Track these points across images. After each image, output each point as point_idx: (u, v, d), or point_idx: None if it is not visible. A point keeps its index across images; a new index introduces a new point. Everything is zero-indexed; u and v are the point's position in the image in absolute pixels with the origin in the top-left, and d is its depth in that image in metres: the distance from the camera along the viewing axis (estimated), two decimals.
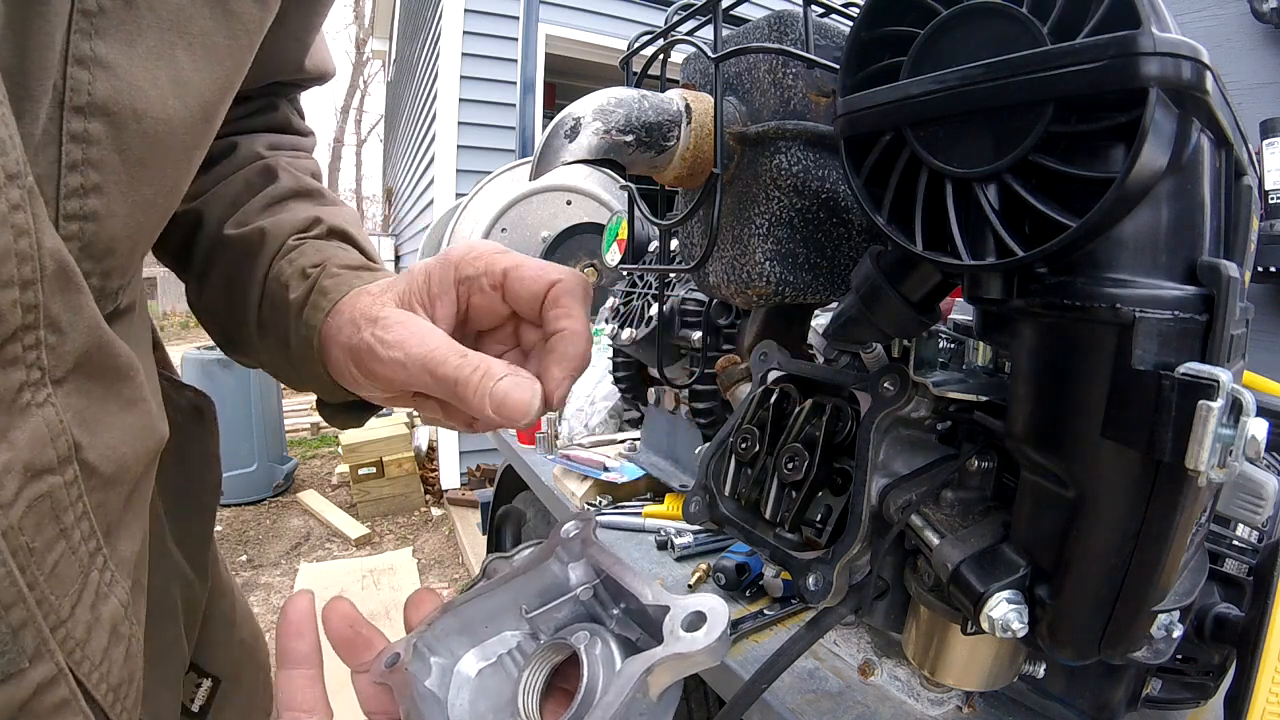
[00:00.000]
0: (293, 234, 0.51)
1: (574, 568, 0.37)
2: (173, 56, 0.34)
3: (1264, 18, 1.26)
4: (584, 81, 4.92)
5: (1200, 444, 0.29)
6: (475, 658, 0.37)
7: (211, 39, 0.36)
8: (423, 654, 0.36)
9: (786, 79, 0.47)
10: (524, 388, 0.38)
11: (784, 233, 0.47)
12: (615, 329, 1.27)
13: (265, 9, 0.39)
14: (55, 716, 0.30)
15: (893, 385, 0.45)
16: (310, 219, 0.52)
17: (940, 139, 0.34)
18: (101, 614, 0.32)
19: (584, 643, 0.33)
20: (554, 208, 2.14)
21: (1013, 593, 0.38)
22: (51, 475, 0.29)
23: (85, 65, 0.30)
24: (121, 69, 0.31)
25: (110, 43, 0.31)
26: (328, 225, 0.53)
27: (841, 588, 0.45)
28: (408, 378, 0.40)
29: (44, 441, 0.28)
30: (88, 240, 0.32)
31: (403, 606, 0.41)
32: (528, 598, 0.37)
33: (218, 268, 0.52)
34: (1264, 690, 0.43)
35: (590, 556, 0.37)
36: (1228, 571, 0.57)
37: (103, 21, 0.30)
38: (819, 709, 0.69)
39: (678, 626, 0.29)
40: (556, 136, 0.43)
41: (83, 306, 0.30)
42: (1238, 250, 0.37)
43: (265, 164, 0.56)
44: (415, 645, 0.36)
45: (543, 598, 0.37)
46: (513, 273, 0.43)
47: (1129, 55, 0.28)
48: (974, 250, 0.33)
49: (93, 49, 0.30)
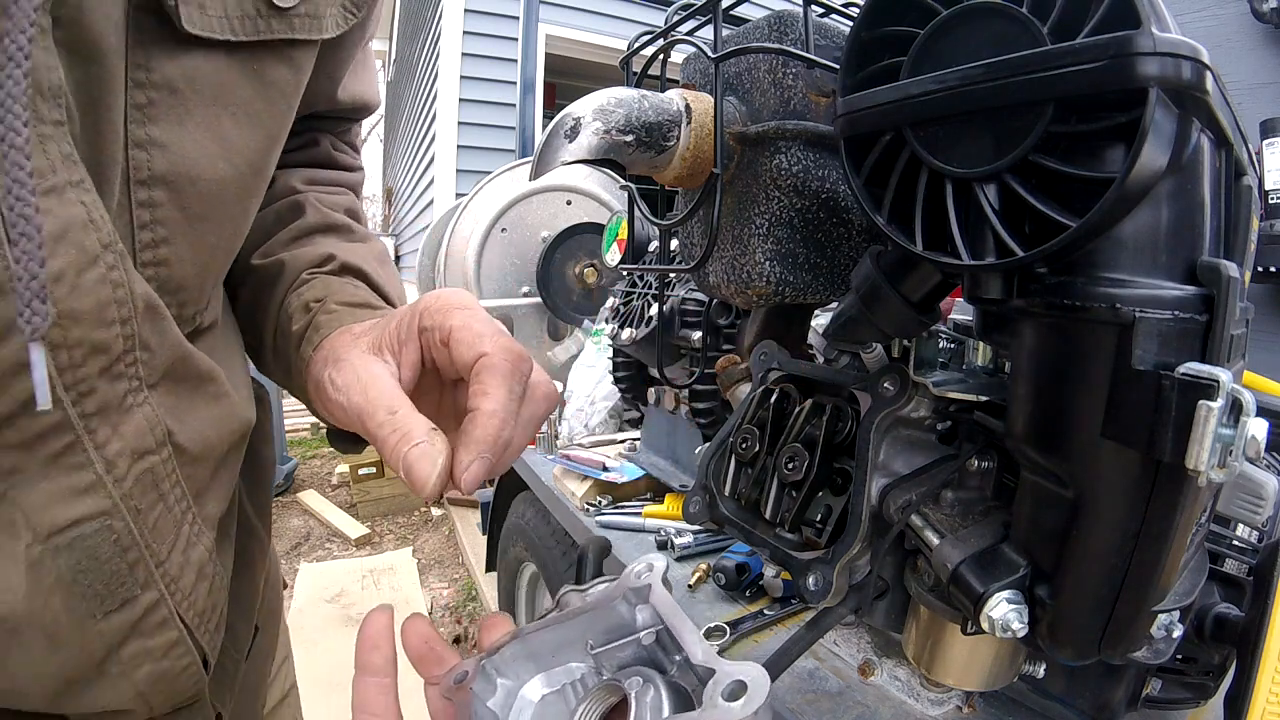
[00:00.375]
0: (307, 268, 0.54)
1: (641, 610, 0.37)
2: (219, 127, 0.41)
3: (1264, 18, 1.26)
4: (584, 81, 4.92)
5: (1200, 444, 0.29)
6: (540, 684, 0.39)
7: (252, 106, 0.42)
8: (490, 675, 0.38)
9: (786, 79, 0.47)
10: (427, 460, 0.37)
11: (784, 233, 0.47)
12: (615, 329, 1.27)
13: (298, 72, 0.45)
14: (158, 632, 0.41)
15: (893, 385, 0.45)
16: (325, 255, 0.55)
17: (940, 139, 0.34)
18: (190, 557, 0.42)
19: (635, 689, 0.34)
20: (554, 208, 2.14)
21: (1013, 593, 0.38)
22: (152, 455, 0.39)
23: (143, 147, 0.38)
24: (174, 145, 0.39)
25: (162, 126, 0.38)
26: (341, 261, 0.55)
27: (841, 588, 0.45)
28: (348, 421, 0.42)
29: (144, 431, 0.38)
30: (162, 281, 0.40)
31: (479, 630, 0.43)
32: (595, 634, 0.38)
33: (244, 293, 0.56)
34: (1264, 690, 0.43)
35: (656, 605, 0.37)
36: (1228, 571, 0.57)
37: (153, 110, 0.37)
38: (819, 709, 0.69)
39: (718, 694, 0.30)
40: (556, 136, 0.43)
41: (167, 331, 0.40)
42: (1238, 250, 0.37)
43: (295, 199, 0.59)
44: (484, 666, 0.38)
45: (609, 636, 0.38)
46: (455, 334, 0.41)
47: (1129, 55, 0.28)
48: (974, 250, 0.33)
49: (147, 133, 0.38)
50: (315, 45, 0.46)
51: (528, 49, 3.06)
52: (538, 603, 1.77)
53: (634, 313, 1.27)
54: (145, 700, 0.42)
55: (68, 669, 0.38)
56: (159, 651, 0.41)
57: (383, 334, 0.44)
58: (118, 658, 0.40)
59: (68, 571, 0.36)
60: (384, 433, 0.38)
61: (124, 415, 0.37)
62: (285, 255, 0.55)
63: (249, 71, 0.42)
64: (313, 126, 0.62)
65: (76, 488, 0.36)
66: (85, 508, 0.36)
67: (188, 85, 0.39)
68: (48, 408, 0.33)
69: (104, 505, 0.37)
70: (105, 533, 0.37)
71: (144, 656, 0.40)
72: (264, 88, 0.43)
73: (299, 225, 0.57)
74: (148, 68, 0.37)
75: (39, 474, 0.35)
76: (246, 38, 0.41)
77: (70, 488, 0.36)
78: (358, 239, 0.60)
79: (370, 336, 0.45)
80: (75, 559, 0.37)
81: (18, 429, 0.33)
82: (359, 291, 0.53)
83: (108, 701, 0.40)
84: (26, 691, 0.39)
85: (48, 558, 0.36)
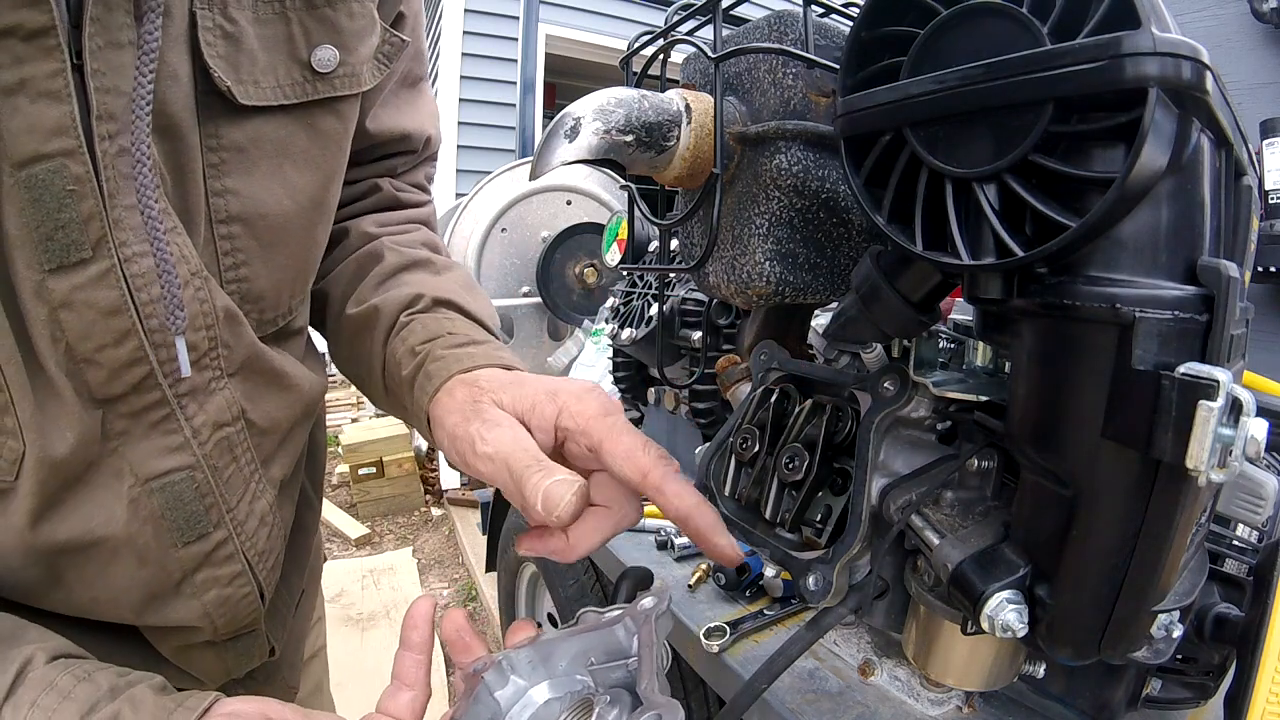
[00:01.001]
0: (402, 311, 0.61)
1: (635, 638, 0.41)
2: (282, 173, 0.51)
3: (1264, 18, 1.26)
4: (584, 81, 4.92)
5: (1200, 444, 0.29)
6: (547, 689, 0.43)
7: (309, 153, 0.52)
8: (504, 670, 0.43)
9: (786, 79, 0.47)
10: (564, 485, 0.42)
11: (784, 233, 0.47)
12: (615, 329, 1.27)
13: (344, 121, 0.55)
14: (225, 564, 0.52)
15: (893, 385, 0.45)
16: (415, 295, 0.62)
17: (940, 139, 0.34)
18: (255, 508, 0.54)
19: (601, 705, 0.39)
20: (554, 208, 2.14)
21: (1013, 593, 0.38)
22: (228, 427, 0.51)
23: (220, 195, 0.48)
24: (245, 191, 0.49)
25: (234, 177, 0.48)
26: (431, 298, 0.61)
27: (841, 588, 0.45)
28: (492, 471, 0.46)
29: (224, 408, 0.50)
30: (244, 294, 0.52)
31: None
32: (597, 653, 0.43)
33: (344, 340, 0.65)
34: (1264, 690, 0.43)
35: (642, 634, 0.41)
36: (1228, 571, 0.57)
37: (224, 167, 0.48)
38: (819, 709, 0.69)
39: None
40: (556, 136, 0.43)
41: (243, 334, 0.51)
42: (1238, 250, 0.37)
43: (373, 247, 0.67)
44: (500, 661, 0.43)
45: (608, 656, 0.42)
46: (606, 448, 0.46)
47: (1129, 55, 0.28)
48: (974, 250, 0.33)
49: (222, 184, 0.48)
50: (358, 97, 0.55)
51: (528, 49, 3.06)
52: (538, 603, 1.77)
53: (634, 313, 1.27)
54: (211, 620, 0.52)
55: (152, 585, 0.49)
56: (225, 579, 0.52)
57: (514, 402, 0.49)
58: (191, 581, 0.50)
59: (158, 508, 0.48)
60: (529, 471, 0.43)
61: (209, 396, 0.49)
62: (377, 300, 0.62)
63: (304, 125, 0.51)
64: (370, 173, 0.69)
65: (170, 447, 0.47)
66: (175, 461, 0.48)
67: (252, 144, 0.48)
68: (188, 374, 0.46)
69: (189, 461, 0.48)
70: (189, 481, 0.48)
71: (212, 582, 0.51)
72: (317, 136, 0.52)
73: (381, 270, 0.64)
74: (217, 135, 0.47)
75: (142, 436, 0.46)
76: (297, 100, 0.50)
77: (165, 446, 0.47)
78: (440, 270, 0.67)
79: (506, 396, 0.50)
80: (165, 499, 0.48)
81: (129, 403, 0.45)
82: (455, 324, 0.59)
83: (181, 617, 0.51)
84: (119, 601, 0.49)
85: (144, 497, 0.47)
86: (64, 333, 0.41)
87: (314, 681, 0.81)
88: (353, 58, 0.52)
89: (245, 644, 0.57)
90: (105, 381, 0.44)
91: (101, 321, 0.42)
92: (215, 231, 0.49)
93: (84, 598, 0.48)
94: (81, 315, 0.41)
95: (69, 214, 0.40)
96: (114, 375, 0.44)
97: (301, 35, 0.49)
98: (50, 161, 0.39)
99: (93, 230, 0.41)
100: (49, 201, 0.39)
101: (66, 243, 0.40)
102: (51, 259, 0.40)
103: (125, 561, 0.48)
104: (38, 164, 0.39)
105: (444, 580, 3.27)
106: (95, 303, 0.42)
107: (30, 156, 0.38)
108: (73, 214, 0.40)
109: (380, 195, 0.70)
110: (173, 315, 0.44)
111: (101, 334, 0.42)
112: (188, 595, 0.50)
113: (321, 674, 0.84)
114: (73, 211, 0.40)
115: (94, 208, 0.40)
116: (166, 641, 0.54)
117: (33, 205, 0.39)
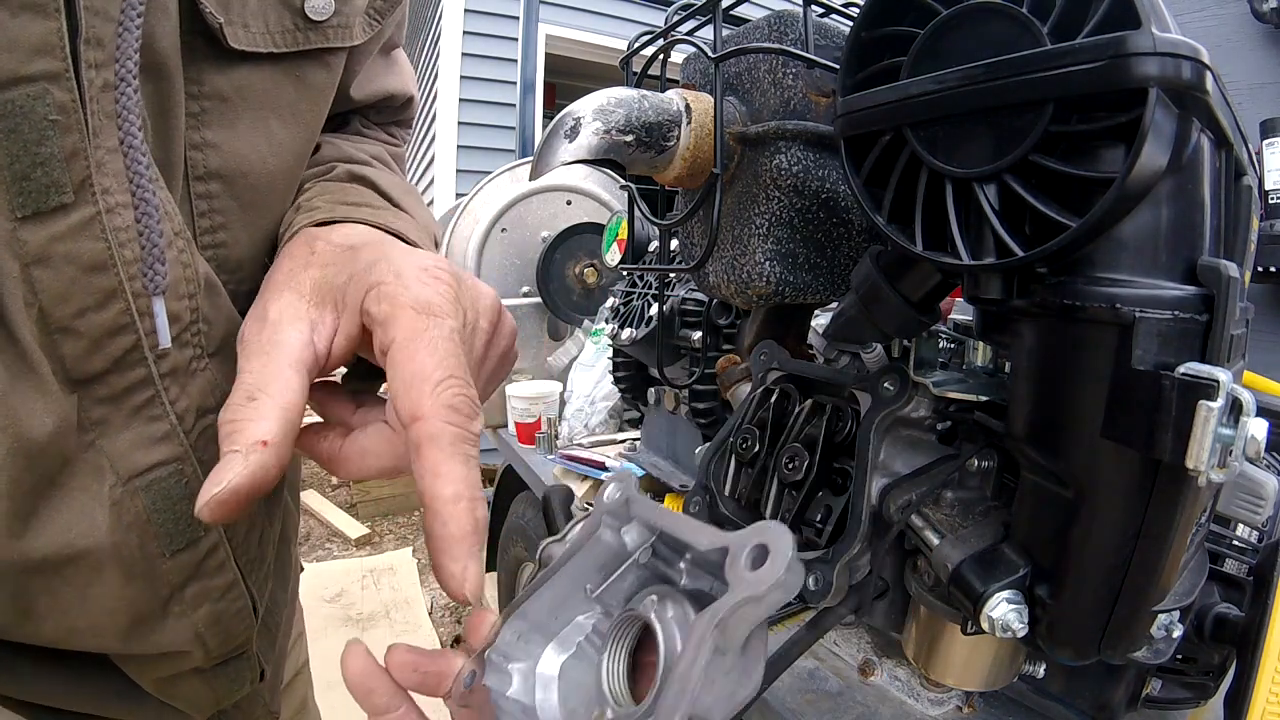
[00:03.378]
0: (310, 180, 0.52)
1: (626, 532, 0.33)
2: (267, 126, 0.46)
3: (1264, 18, 1.26)
4: (584, 81, 4.92)
5: (1200, 444, 0.29)
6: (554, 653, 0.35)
7: (296, 107, 0.47)
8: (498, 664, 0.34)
9: (786, 79, 0.47)
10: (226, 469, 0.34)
11: (784, 233, 0.47)
12: (615, 329, 1.27)
13: (332, 73, 0.49)
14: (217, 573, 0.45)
15: (893, 385, 0.45)
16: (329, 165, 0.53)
17: (940, 139, 0.34)
18: None
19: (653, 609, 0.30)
20: (554, 208, 2.14)
21: (1013, 593, 0.38)
22: (212, 414, 0.42)
23: (199, 148, 0.43)
24: (226, 145, 0.44)
25: (215, 129, 0.43)
26: (346, 170, 0.52)
27: (841, 588, 0.45)
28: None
29: (206, 392, 0.43)
30: (220, 261, 0.45)
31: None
32: (589, 576, 0.34)
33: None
34: (1264, 690, 0.43)
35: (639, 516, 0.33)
36: (1228, 571, 0.57)
37: (205, 117, 0.43)
38: (819, 709, 0.69)
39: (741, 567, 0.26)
40: (556, 136, 0.43)
41: (223, 306, 0.44)
42: (1238, 250, 0.37)
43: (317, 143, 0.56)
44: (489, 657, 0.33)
45: (604, 572, 0.34)
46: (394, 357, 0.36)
47: (1129, 55, 0.28)
48: (974, 250, 0.33)
49: (202, 136, 0.43)
50: (346, 50, 0.50)
51: (528, 49, 3.05)
52: None
53: (634, 313, 1.26)
54: (202, 642, 0.45)
55: (139, 605, 0.42)
56: (217, 592, 0.45)
57: (332, 285, 0.40)
58: (180, 597, 0.43)
59: (144, 511, 0.41)
60: (224, 417, 0.36)
61: (190, 378, 0.42)
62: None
63: (291, 77, 0.46)
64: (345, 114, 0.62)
65: (154, 436, 0.41)
66: (161, 454, 0.41)
67: (236, 94, 0.44)
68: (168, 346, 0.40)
69: (177, 452, 0.41)
70: (177, 476, 0.42)
71: (204, 596, 0.44)
72: (305, 89, 0.47)
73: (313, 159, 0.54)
74: (199, 81, 0.42)
75: (123, 424, 0.40)
76: (287, 49, 0.45)
77: (149, 436, 0.40)
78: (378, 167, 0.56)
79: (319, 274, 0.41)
80: (151, 499, 0.41)
81: (108, 384, 0.38)
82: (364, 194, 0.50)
83: (170, 642, 0.44)
84: (101, 628, 0.42)
85: (128, 498, 0.40)
86: (38, 295, 0.35)
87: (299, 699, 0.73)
88: (348, 7, 0.48)
89: (235, 669, 0.50)
90: (84, 354, 0.37)
91: (83, 279, 0.36)
92: (192, 189, 0.43)
93: (60, 628, 0.40)
94: (60, 272, 0.35)
95: (50, 148, 0.34)
96: (94, 346, 0.37)
97: None
98: (32, 85, 0.33)
99: (76, 170, 0.35)
100: (27, 132, 0.33)
101: (46, 183, 0.34)
102: (27, 203, 0.34)
103: (110, 578, 0.40)
104: (16, 87, 0.33)
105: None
106: (77, 256, 0.35)
107: (8, 78, 0.33)
108: (54, 148, 0.34)
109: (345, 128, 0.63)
110: (151, 275, 0.38)
111: (83, 295, 0.36)
112: (177, 614, 0.43)
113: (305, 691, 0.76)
114: (54, 146, 0.34)
115: (78, 143, 0.35)
116: (148, 673, 0.46)
117: (7, 136, 0.33)
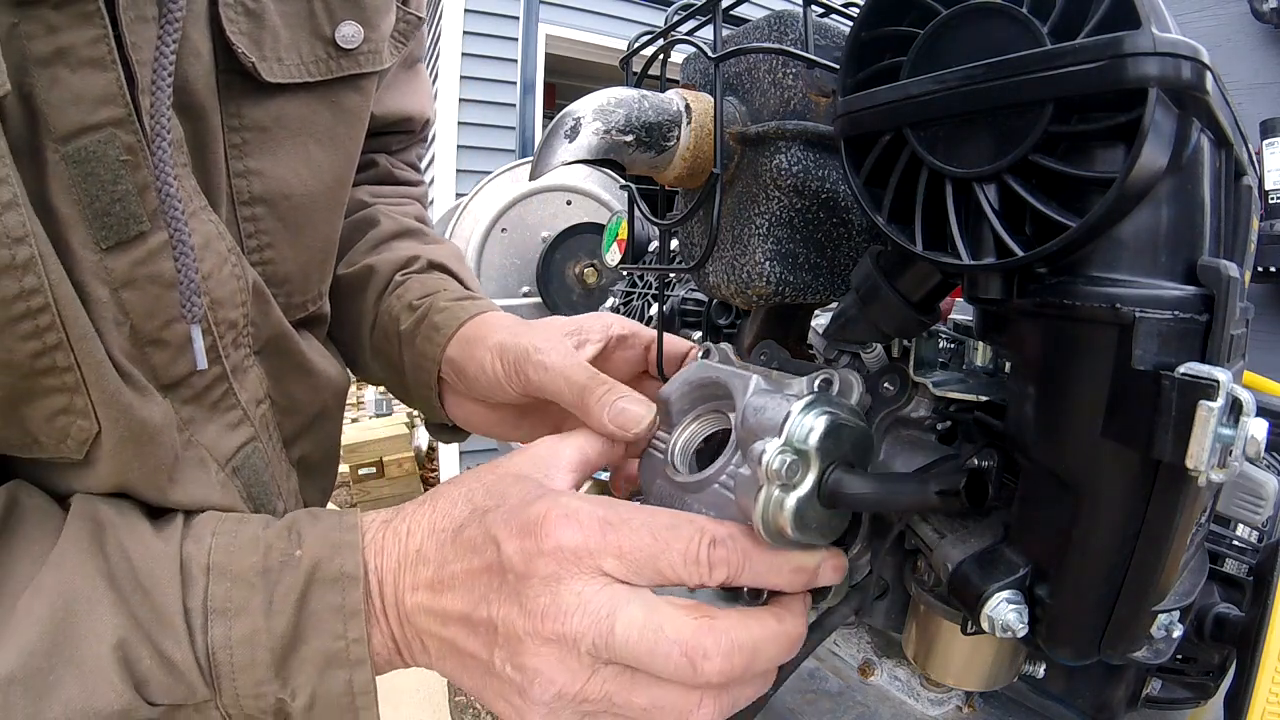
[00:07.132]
0: (397, 270, 0.61)
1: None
2: (306, 151, 0.50)
3: (1264, 18, 1.26)
4: (584, 81, 4.92)
5: (1200, 444, 0.29)
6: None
7: (333, 131, 0.52)
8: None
9: (786, 79, 0.47)
10: (642, 405, 0.46)
11: (784, 233, 0.47)
12: None
13: (364, 95, 0.54)
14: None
15: (893, 385, 0.45)
16: (411, 256, 0.62)
17: (940, 139, 0.34)
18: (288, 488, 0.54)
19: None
20: (554, 208, 2.14)
21: (1013, 593, 0.38)
22: (262, 404, 0.51)
23: (244, 176, 0.48)
24: (269, 172, 0.48)
25: (257, 158, 0.48)
26: (427, 260, 0.61)
27: (843, 588, 0.45)
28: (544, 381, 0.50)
29: (256, 385, 0.50)
30: (269, 276, 0.51)
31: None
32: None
33: (335, 302, 0.64)
34: (1264, 690, 0.43)
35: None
36: (1228, 571, 0.57)
37: (246, 147, 0.47)
38: (819, 709, 0.69)
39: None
40: (556, 136, 0.43)
41: (270, 312, 0.51)
42: (1238, 250, 0.37)
43: (368, 212, 0.67)
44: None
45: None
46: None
47: (1129, 55, 0.28)
48: (974, 250, 0.33)
49: (245, 165, 0.47)
50: (377, 74, 0.55)
51: (528, 49, 3.06)
52: None
53: (634, 313, 1.27)
54: None
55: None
56: None
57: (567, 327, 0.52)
58: None
59: (243, 487, 0.48)
60: (595, 382, 0.47)
61: (245, 373, 0.49)
62: (372, 260, 0.61)
63: (327, 103, 0.51)
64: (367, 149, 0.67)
65: (232, 423, 0.48)
66: (241, 436, 0.48)
67: (275, 123, 0.48)
68: (204, 367, 0.45)
69: (251, 433, 0.49)
70: (258, 453, 0.49)
71: None
72: (341, 114, 0.52)
73: (376, 234, 0.64)
74: (239, 115, 0.46)
75: (206, 418, 0.46)
76: (321, 77, 0.49)
77: (229, 424, 0.48)
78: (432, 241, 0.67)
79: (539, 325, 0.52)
80: (245, 477, 0.49)
81: (190, 385, 0.45)
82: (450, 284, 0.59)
83: None
84: None
85: (229, 479, 0.47)
86: (128, 315, 0.40)
87: None
88: (375, 34, 0.51)
89: None
90: (170, 362, 0.43)
91: (165, 295, 0.41)
92: (239, 214, 0.48)
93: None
94: (145, 292, 0.40)
95: (125, 185, 0.38)
96: (179, 353, 0.43)
97: (323, 11, 0.48)
98: (100, 132, 0.37)
99: (149, 200, 0.39)
100: (103, 174, 0.37)
101: (124, 216, 0.38)
102: (109, 235, 0.38)
103: None
104: (85, 135, 0.36)
105: None
106: (159, 276, 0.40)
107: (77, 128, 0.36)
108: (128, 185, 0.38)
109: (377, 170, 0.71)
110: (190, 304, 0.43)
111: (167, 308, 0.41)
112: None
113: None
114: (128, 183, 0.38)
115: (148, 177, 0.39)
116: None
117: (85, 179, 0.37)
